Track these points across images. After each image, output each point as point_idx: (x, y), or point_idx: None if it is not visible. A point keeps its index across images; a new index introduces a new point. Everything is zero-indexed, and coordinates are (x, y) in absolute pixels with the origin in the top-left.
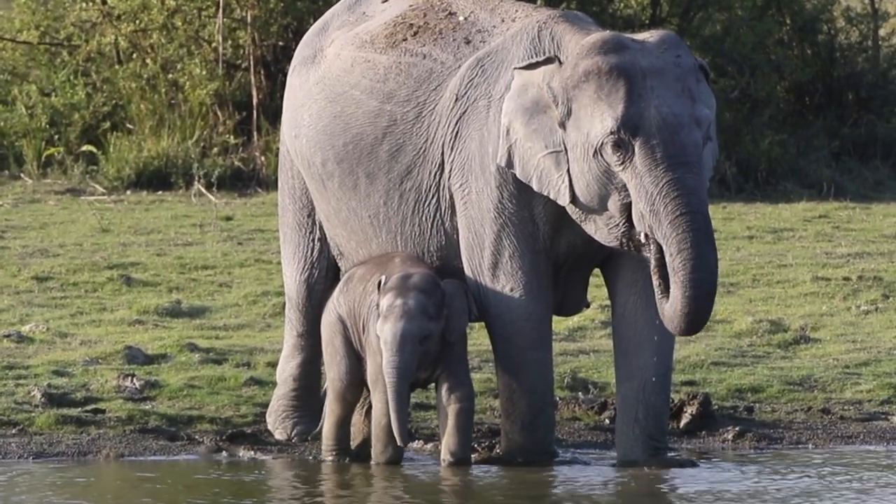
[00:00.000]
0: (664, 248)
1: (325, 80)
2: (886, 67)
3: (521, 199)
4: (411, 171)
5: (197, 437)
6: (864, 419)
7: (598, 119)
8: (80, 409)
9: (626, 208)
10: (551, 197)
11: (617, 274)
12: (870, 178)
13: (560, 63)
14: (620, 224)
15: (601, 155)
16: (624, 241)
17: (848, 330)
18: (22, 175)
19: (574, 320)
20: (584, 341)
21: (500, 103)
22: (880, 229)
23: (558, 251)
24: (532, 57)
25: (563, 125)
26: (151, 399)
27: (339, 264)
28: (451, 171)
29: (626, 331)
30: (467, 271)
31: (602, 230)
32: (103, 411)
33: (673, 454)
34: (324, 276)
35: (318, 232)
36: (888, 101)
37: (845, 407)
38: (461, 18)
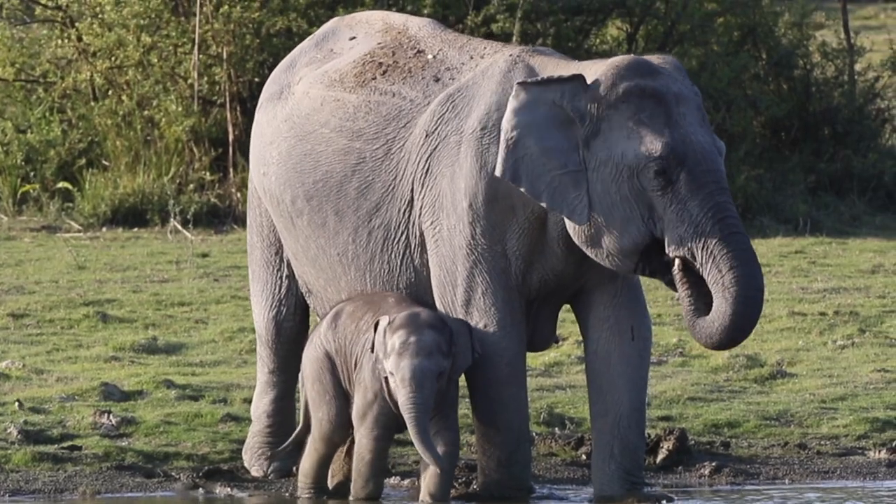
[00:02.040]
0: (709, 267)
1: (293, 117)
2: (862, 102)
3: (494, 235)
4: (380, 209)
5: (173, 473)
6: (841, 454)
7: (637, 142)
8: (56, 445)
9: (649, 236)
10: (564, 215)
11: (589, 310)
12: (846, 214)
13: (586, 82)
14: (640, 250)
15: (638, 178)
16: (639, 266)
17: (824, 365)
18: None
19: (550, 356)
20: (560, 377)
21: (472, 138)
22: (856, 264)
23: (530, 286)
24: (506, 91)
25: (587, 144)
26: (128, 436)
27: (308, 301)
28: (421, 208)
29: (600, 367)
30: (439, 308)
31: (614, 255)
32: (80, 448)
33: (649, 489)
34: (292, 313)
35: (286, 269)
36: (864, 136)
37: (822, 442)
38: (430, 56)
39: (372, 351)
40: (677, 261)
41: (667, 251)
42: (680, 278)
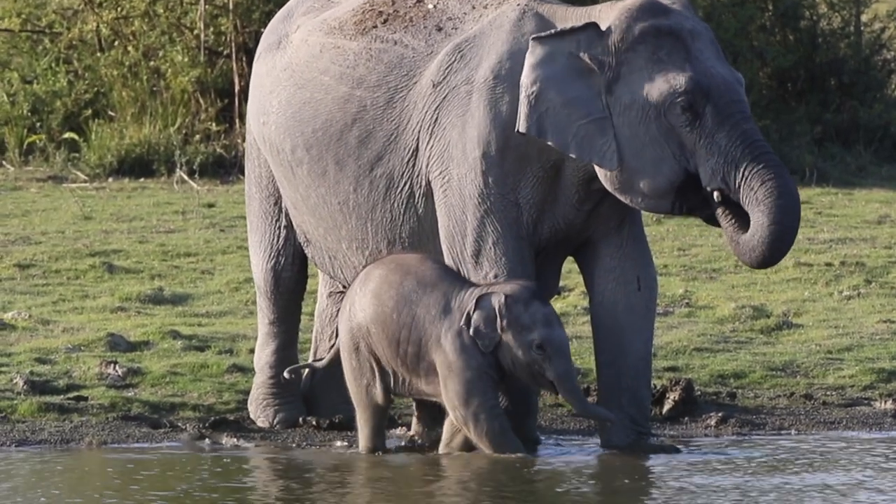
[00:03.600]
0: (742, 189)
1: (293, 66)
2: (868, 53)
3: (507, 184)
4: (382, 158)
5: (180, 424)
6: (847, 405)
7: (660, 80)
8: (62, 396)
9: (683, 173)
10: (594, 163)
11: (595, 261)
12: (852, 164)
13: (600, 29)
14: (675, 188)
15: (665, 116)
16: (675, 205)
17: (830, 315)
18: (4, 163)
19: (557, 306)
20: (567, 327)
21: (484, 88)
22: (862, 215)
23: (541, 236)
24: (517, 40)
25: (609, 90)
26: (134, 386)
27: (306, 251)
28: (429, 158)
29: (606, 317)
30: (448, 259)
31: (649, 196)
32: (86, 398)
33: (656, 440)
34: (290, 263)
35: (284, 220)
36: (870, 87)
37: (828, 392)
38: (430, 6)
39: (469, 326)
40: (716, 193)
41: (703, 185)
42: (721, 211)
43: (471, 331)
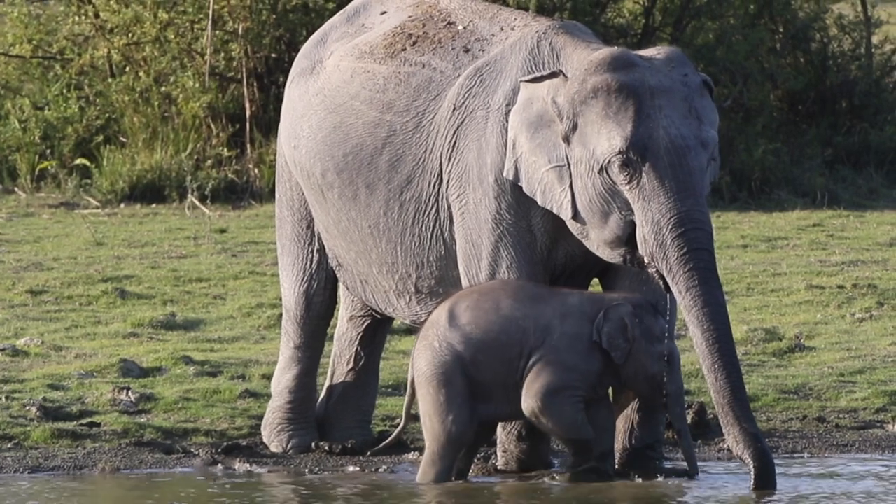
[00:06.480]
0: (671, 282)
1: (324, 90)
2: (879, 75)
3: (520, 210)
4: (411, 182)
5: (192, 449)
6: (860, 427)
7: (605, 137)
8: (75, 422)
9: (630, 226)
10: (554, 211)
11: (615, 284)
12: (863, 186)
13: (565, 77)
14: (623, 241)
15: (607, 172)
16: (627, 258)
17: (843, 338)
18: (16, 189)
19: None
20: None
21: (499, 114)
22: (874, 237)
23: (556, 262)
24: (531, 68)
25: (567, 140)
26: (147, 412)
27: (338, 275)
28: (448, 181)
29: None
30: (464, 282)
31: (603, 247)
32: (99, 425)
33: (669, 464)
34: (322, 287)
35: (316, 243)
36: (881, 109)
37: (840, 415)
38: (460, 28)
39: (601, 339)
40: (645, 258)
41: (639, 249)
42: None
43: (604, 342)
